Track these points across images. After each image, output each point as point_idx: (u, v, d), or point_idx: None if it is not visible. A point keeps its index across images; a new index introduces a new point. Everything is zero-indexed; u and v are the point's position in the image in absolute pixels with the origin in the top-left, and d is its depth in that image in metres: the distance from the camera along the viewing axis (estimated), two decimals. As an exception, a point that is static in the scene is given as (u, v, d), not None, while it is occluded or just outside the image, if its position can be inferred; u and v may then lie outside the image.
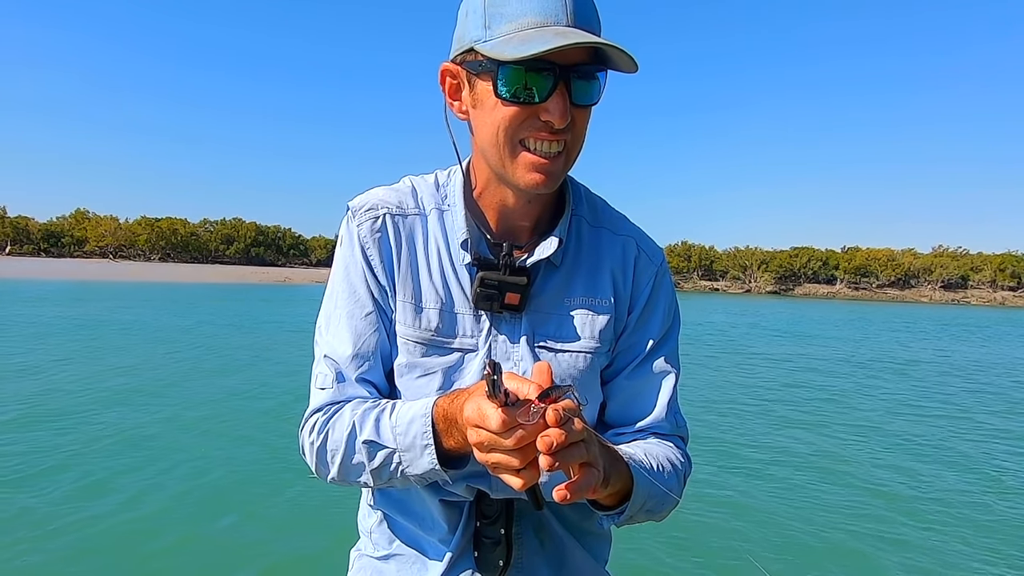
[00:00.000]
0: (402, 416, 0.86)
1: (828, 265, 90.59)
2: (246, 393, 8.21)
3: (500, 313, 0.94)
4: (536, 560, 1.00)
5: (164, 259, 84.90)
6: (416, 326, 0.95)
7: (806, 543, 4.26)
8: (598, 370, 1.00)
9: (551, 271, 0.97)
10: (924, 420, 8.56)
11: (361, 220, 0.97)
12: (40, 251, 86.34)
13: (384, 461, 0.87)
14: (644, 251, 1.03)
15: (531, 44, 0.76)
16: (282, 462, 5.40)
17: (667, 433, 1.02)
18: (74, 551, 3.70)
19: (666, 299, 1.04)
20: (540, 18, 0.78)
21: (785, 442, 6.86)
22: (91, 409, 6.89)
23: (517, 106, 0.82)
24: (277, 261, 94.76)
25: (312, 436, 0.93)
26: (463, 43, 0.85)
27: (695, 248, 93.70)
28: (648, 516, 0.93)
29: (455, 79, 0.89)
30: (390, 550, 1.04)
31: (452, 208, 0.98)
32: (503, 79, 0.80)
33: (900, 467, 6.23)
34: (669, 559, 3.94)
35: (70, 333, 13.13)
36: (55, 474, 4.90)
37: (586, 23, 0.80)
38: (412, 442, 0.84)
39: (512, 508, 0.97)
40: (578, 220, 1.01)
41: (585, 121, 0.86)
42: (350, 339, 0.95)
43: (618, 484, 0.83)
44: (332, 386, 0.94)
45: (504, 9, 0.80)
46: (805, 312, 37.32)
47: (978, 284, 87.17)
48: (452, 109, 0.92)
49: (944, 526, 4.75)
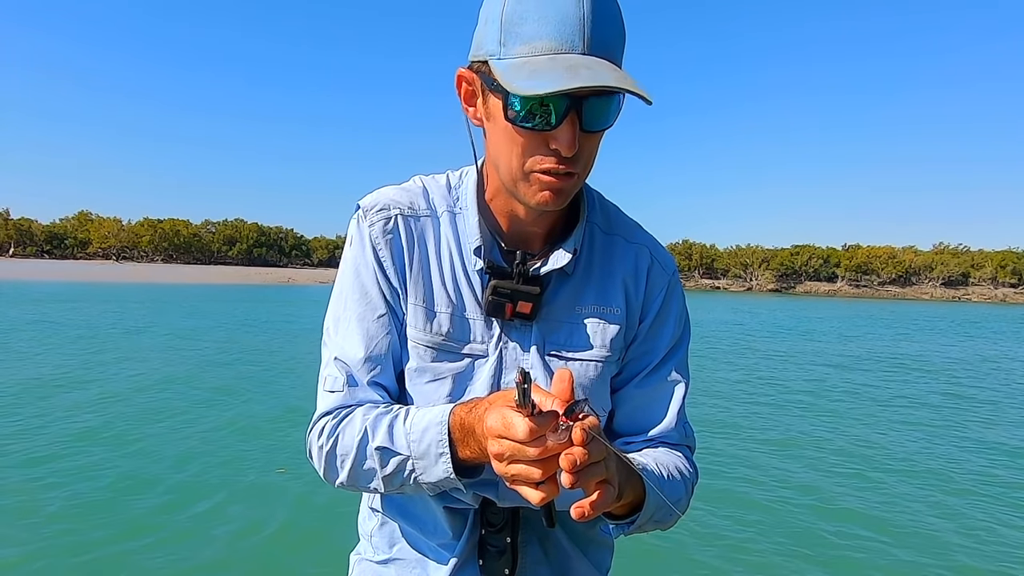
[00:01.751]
0: (417, 423, 0.84)
1: (829, 263, 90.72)
2: (254, 395, 8.28)
3: (511, 321, 0.93)
4: (540, 570, 1.00)
5: (167, 260, 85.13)
6: (427, 330, 0.94)
7: (813, 549, 4.26)
8: (608, 379, 1.00)
9: (563, 279, 0.96)
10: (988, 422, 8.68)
11: (372, 220, 0.95)
12: (43, 253, 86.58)
13: (397, 468, 0.85)
14: (658, 260, 1.03)
15: (539, 79, 0.73)
16: (284, 462, 5.45)
17: (676, 443, 1.01)
18: (70, 549, 3.74)
19: (677, 309, 1.04)
20: (555, 43, 0.75)
21: (791, 445, 6.92)
22: (97, 411, 7.01)
23: (527, 131, 0.80)
24: (279, 262, 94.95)
25: (321, 440, 0.91)
26: (479, 52, 0.83)
27: (696, 247, 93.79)
28: (655, 526, 0.92)
29: (471, 86, 0.87)
30: (391, 554, 1.03)
31: (464, 211, 0.97)
32: (513, 105, 0.79)
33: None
34: (670, 564, 3.96)
35: (92, 335, 13.28)
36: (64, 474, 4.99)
37: (604, 48, 0.77)
38: (427, 450, 0.82)
39: (518, 517, 0.97)
40: (591, 227, 1.01)
41: (595, 145, 0.84)
42: (361, 341, 0.93)
43: (630, 496, 0.82)
44: (343, 389, 0.93)
45: (520, 28, 0.77)
46: (807, 311, 37.22)
47: (979, 281, 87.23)
48: (467, 114, 0.90)
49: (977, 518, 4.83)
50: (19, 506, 4.33)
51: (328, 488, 0.89)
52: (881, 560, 4.11)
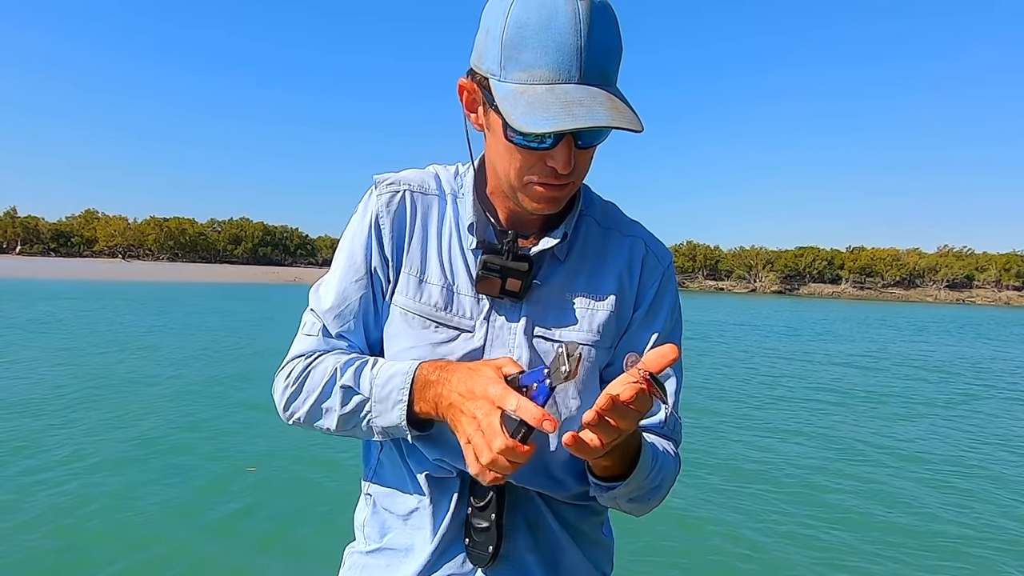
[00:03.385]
0: (384, 371, 0.91)
1: (833, 265, 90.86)
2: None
3: (500, 299, 0.96)
4: (529, 557, 0.99)
5: (172, 259, 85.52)
6: (416, 298, 0.97)
7: (814, 548, 4.27)
8: (598, 367, 0.99)
9: (555, 265, 0.98)
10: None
11: (382, 191, 1.00)
12: (49, 251, 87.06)
13: (355, 408, 0.92)
14: (653, 252, 1.05)
15: (537, 117, 0.77)
16: (286, 461, 5.40)
17: (665, 435, 1.02)
18: (65, 544, 3.74)
19: (671, 301, 1.05)
20: (552, 72, 0.79)
21: (801, 450, 6.94)
22: (102, 411, 7.07)
23: (524, 149, 0.85)
24: (284, 261, 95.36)
25: (290, 378, 0.97)
26: (481, 65, 0.86)
27: (700, 248, 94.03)
28: (631, 505, 0.95)
29: (472, 95, 0.91)
30: (380, 543, 1.04)
31: (465, 196, 1.01)
32: (509, 126, 0.82)
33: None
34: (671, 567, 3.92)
35: (113, 333, 13.40)
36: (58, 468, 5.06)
37: (599, 77, 0.80)
38: (387, 395, 0.89)
39: (503, 497, 0.97)
40: (588, 220, 1.03)
41: (590, 157, 0.89)
42: (335, 297, 1.00)
43: (617, 455, 0.85)
44: (318, 335, 0.99)
45: (520, 55, 0.80)
46: (809, 312, 37.12)
47: (983, 284, 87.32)
48: (469, 119, 0.94)
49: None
50: (8, 504, 4.26)
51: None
52: (881, 560, 4.14)
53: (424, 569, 0.98)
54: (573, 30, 0.78)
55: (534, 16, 0.79)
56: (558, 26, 0.78)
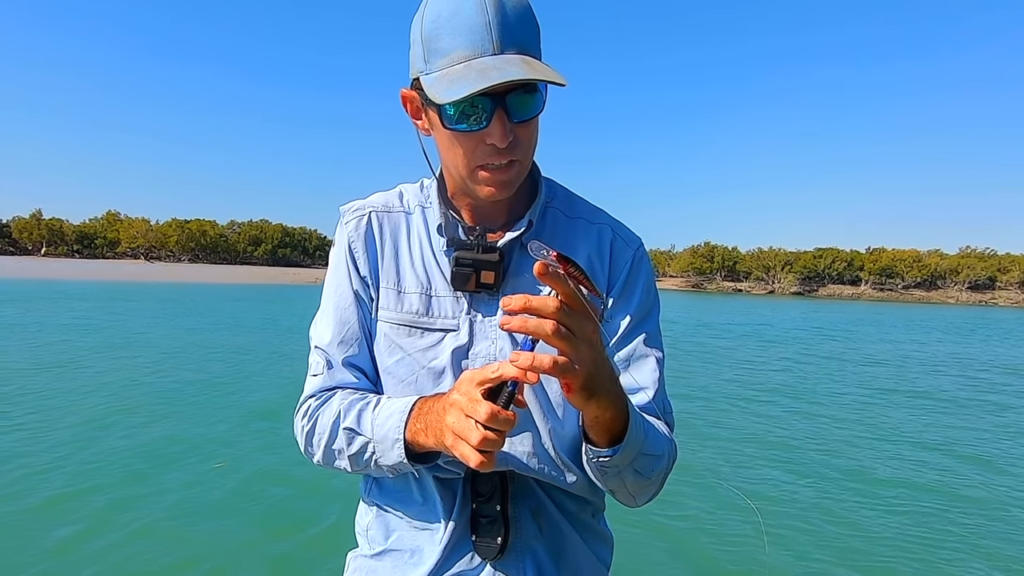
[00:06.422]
0: (383, 411, 0.93)
1: (853, 266, 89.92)
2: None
3: (478, 293, 0.98)
4: (535, 545, 1.01)
5: (194, 260, 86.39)
6: (398, 309, 1.00)
7: (826, 546, 4.25)
8: None
9: (526, 256, 0.99)
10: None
11: (348, 219, 1.06)
12: (73, 252, 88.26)
13: (360, 449, 0.95)
14: (620, 236, 1.07)
15: (456, 87, 0.82)
16: (286, 464, 5.40)
17: (654, 414, 1.01)
18: (72, 547, 3.77)
19: (645, 280, 1.06)
20: (467, 51, 0.84)
21: (801, 449, 6.90)
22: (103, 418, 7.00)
23: (463, 134, 0.89)
24: (303, 262, 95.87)
25: (304, 420, 1.01)
26: (413, 71, 0.91)
27: (718, 249, 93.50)
28: (636, 481, 0.93)
29: (413, 103, 0.96)
30: (385, 546, 1.05)
31: (432, 205, 1.05)
32: (444, 114, 0.88)
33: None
34: (672, 564, 3.92)
35: (155, 337, 13.61)
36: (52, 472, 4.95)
37: (514, 46, 0.85)
38: (385, 435, 0.91)
39: (507, 485, 0.98)
40: (554, 212, 1.06)
41: (529, 133, 0.92)
42: (334, 327, 1.03)
43: (608, 411, 0.84)
44: (323, 372, 1.02)
45: (437, 44, 0.86)
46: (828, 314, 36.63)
47: (1005, 285, 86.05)
48: (417, 127, 0.99)
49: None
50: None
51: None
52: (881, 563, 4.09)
53: (434, 570, 0.99)
54: (480, 10, 0.83)
55: (444, 8, 0.85)
56: (466, 9, 0.84)
